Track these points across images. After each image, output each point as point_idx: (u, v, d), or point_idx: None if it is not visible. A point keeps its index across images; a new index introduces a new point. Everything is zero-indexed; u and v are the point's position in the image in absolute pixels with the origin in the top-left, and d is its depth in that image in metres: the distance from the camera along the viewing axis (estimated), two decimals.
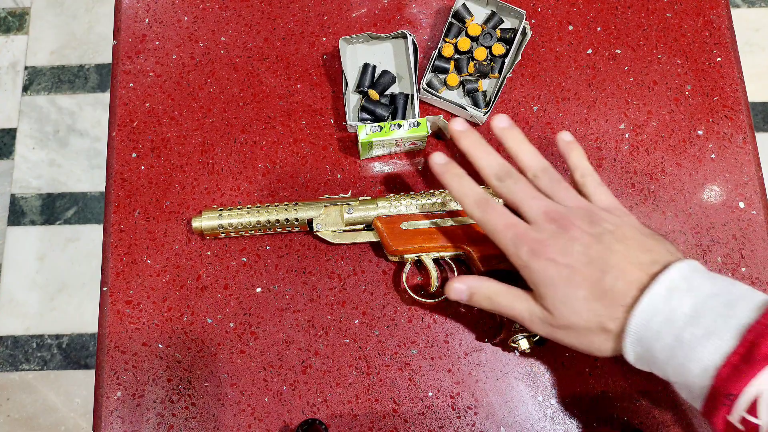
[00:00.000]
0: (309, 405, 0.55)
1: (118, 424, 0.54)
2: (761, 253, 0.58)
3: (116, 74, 0.63)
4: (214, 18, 0.65)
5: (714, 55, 0.63)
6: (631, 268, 0.42)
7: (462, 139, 0.50)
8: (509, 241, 0.45)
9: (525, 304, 0.46)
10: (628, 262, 0.43)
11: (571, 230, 0.44)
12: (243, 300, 0.57)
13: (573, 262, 0.43)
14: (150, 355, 0.56)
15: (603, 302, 0.42)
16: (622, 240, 0.44)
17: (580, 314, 0.43)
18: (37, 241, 1.46)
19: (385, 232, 0.54)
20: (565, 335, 0.45)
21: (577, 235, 0.44)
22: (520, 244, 0.45)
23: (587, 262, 0.43)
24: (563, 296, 0.43)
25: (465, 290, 0.49)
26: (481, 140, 0.50)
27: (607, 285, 0.42)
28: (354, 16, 0.65)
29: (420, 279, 0.57)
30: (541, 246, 0.44)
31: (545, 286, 0.44)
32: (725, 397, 0.37)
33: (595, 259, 0.43)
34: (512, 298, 0.47)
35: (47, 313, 1.42)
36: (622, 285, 0.42)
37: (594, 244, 0.44)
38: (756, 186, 0.60)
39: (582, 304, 0.43)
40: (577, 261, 0.43)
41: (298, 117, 0.62)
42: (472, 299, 0.49)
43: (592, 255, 0.43)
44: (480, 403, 0.55)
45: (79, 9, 1.61)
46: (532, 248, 0.44)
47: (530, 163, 0.49)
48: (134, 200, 0.60)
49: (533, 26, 0.64)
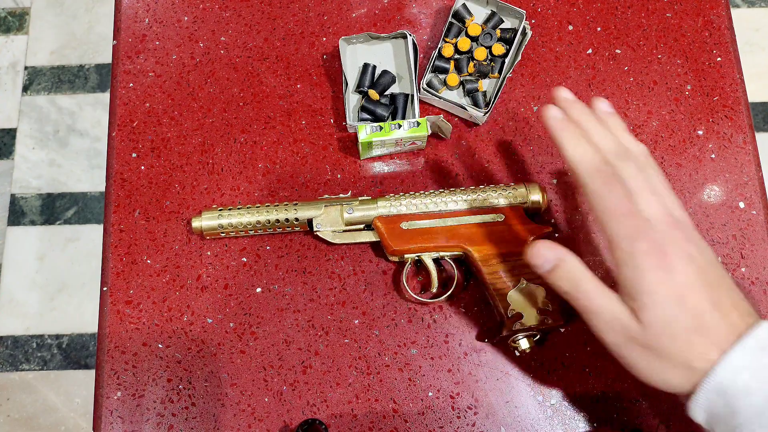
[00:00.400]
0: (309, 405, 0.55)
1: (118, 424, 0.54)
2: (761, 253, 0.58)
3: (116, 74, 0.63)
4: (214, 18, 0.65)
5: (714, 55, 0.63)
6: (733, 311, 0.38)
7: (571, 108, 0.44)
8: (624, 230, 0.39)
9: (612, 304, 0.40)
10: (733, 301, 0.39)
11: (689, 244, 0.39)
12: (243, 300, 0.57)
13: (689, 282, 0.38)
14: (150, 355, 0.56)
15: (702, 338, 0.38)
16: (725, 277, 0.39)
17: (676, 342, 0.38)
18: (37, 241, 1.46)
19: (385, 232, 0.54)
20: (641, 355, 0.39)
21: (693, 252, 0.39)
22: (639, 239, 0.38)
23: (702, 286, 0.38)
24: (668, 316, 0.38)
25: (552, 260, 0.42)
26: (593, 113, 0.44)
27: (712, 320, 0.38)
28: (354, 16, 0.65)
29: (420, 279, 0.57)
30: (661, 249, 0.38)
31: (650, 295, 0.38)
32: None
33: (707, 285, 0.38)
34: (599, 290, 0.40)
35: (47, 313, 1.42)
36: (724, 326, 0.38)
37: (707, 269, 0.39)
38: (756, 186, 0.60)
39: (683, 332, 0.38)
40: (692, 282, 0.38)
41: (298, 117, 0.62)
42: (554, 272, 0.42)
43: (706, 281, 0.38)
44: (480, 403, 0.55)
45: (79, 9, 1.61)
46: (651, 248, 0.38)
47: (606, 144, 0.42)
48: (134, 200, 0.60)
49: (533, 26, 0.64)
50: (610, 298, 0.40)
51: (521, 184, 0.56)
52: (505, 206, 0.54)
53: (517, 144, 0.61)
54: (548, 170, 0.60)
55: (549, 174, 0.60)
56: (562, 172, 0.60)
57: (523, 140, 0.61)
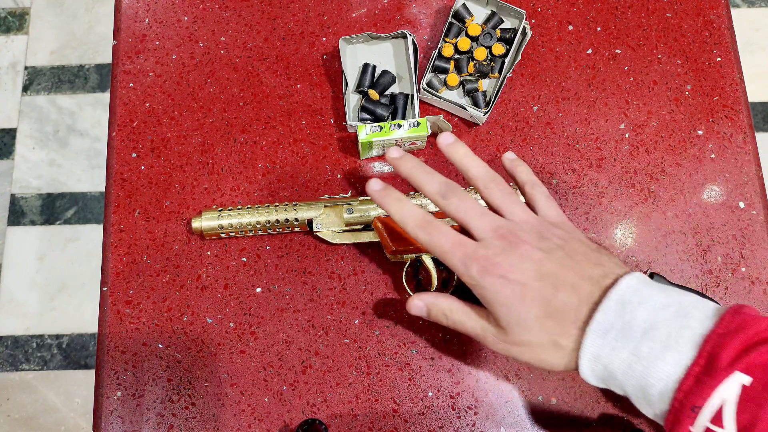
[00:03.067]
0: (309, 405, 0.55)
1: (118, 424, 0.54)
2: (761, 253, 0.58)
3: (116, 74, 0.63)
4: (214, 18, 0.65)
5: (714, 55, 0.63)
6: (583, 284, 0.42)
7: (401, 166, 0.49)
8: (458, 260, 0.44)
9: (479, 322, 0.46)
10: (579, 277, 0.43)
11: (521, 246, 0.44)
12: (243, 300, 0.57)
13: (524, 279, 0.43)
14: (150, 355, 0.56)
15: (556, 320, 0.42)
16: (572, 255, 0.44)
17: (534, 332, 0.43)
18: (37, 241, 1.46)
19: (384, 233, 0.54)
20: (519, 352, 0.44)
21: (527, 252, 0.44)
22: (470, 263, 0.44)
23: (538, 278, 0.43)
24: (516, 315, 0.43)
25: (423, 306, 0.49)
26: (420, 163, 0.49)
27: (560, 302, 0.42)
28: (354, 16, 0.65)
29: (420, 278, 0.57)
30: (491, 263, 0.43)
31: (498, 305, 0.43)
32: (689, 410, 0.37)
33: (546, 275, 0.43)
34: (466, 315, 0.47)
35: (47, 313, 1.42)
36: (575, 301, 0.42)
37: (545, 260, 0.43)
38: (756, 186, 0.60)
39: (535, 323, 0.43)
40: (528, 278, 0.43)
41: (298, 117, 0.62)
42: (430, 315, 0.49)
43: (543, 271, 0.43)
44: (480, 403, 0.55)
45: (79, 9, 1.61)
46: (482, 266, 0.43)
47: (479, 174, 0.48)
48: (134, 200, 0.60)
49: (533, 26, 0.64)
50: (478, 317, 0.46)
51: None
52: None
53: (517, 144, 0.61)
54: (548, 170, 0.60)
55: (549, 174, 0.60)
56: (562, 172, 0.60)
57: (523, 140, 0.61)
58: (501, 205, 0.47)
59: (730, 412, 0.36)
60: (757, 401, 0.36)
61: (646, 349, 0.39)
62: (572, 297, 0.42)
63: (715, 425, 0.37)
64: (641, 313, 0.40)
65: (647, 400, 0.40)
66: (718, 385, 0.36)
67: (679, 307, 0.40)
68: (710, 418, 0.37)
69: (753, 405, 0.36)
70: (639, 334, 0.40)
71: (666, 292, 0.42)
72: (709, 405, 0.37)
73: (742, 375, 0.36)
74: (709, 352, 0.37)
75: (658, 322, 0.40)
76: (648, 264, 0.58)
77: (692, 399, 0.37)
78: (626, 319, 0.40)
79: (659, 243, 0.58)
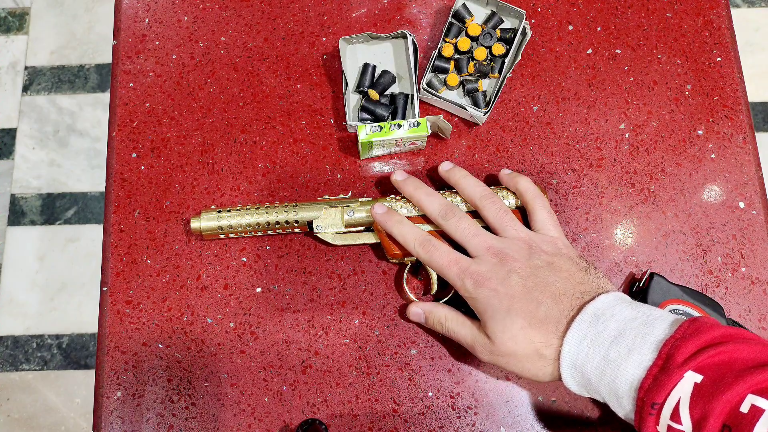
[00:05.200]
0: (309, 405, 0.55)
1: (118, 424, 0.54)
2: (761, 253, 0.58)
3: (116, 74, 0.63)
4: (214, 18, 0.65)
5: (714, 55, 0.63)
6: (564, 298, 0.46)
7: (404, 188, 0.54)
8: (455, 275, 0.49)
9: (469, 331, 0.50)
10: (562, 292, 0.47)
11: (511, 263, 0.48)
12: (243, 300, 0.57)
13: (512, 292, 0.47)
14: (150, 355, 0.56)
15: (539, 331, 0.46)
16: (557, 272, 0.48)
17: (519, 342, 0.46)
18: (37, 241, 1.46)
19: (385, 234, 0.54)
20: (505, 362, 0.48)
21: (516, 267, 0.48)
22: (465, 278, 0.49)
23: (525, 292, 0.47)
24: (503, 325, 0.47)
25: (421, 314, 0.53)
26: (421, 184, 0.54)
27: (543, 314, 0.46)
28: (354, 16, 0.65)
29: (420, 279, 0.58)
30: (484, 278, 0.48)
31: (487, 315, 0.48)
32: (650, 407, 0.40)
33: (531, 289, 0.47)
34: (459, 324, 0.51)
35: (47, 313, 1.42)
36: (555, 314, 0.46)
37: (531, 276, 0.48)
38: (756, 186, 0.60)
39: (520, 332, 0.46)
40: (516, 291, 0.47)
41: (298, 117, 0.62)
42: (428, 322, 0.53)
43: (528, 286, 0.47)
44: (480, 403, 0.55)
45: (79, 9, 1.61)
46: (475, 280, 0.48)
47: (474, 194, 0.53)
48: (134, 200, 0.60)
49: (533, 26, 0.64)
50: (469, 327, 0.50)
51: None
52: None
53: (517, 144, 0.61)
54: (548, 170, 0.60)
55: (549, 174, 0.60)
56: (562, 172, 0.60)
57: (523, 140, 0.61)
58: (495, 224, 0.52)
59: (685, 408, 0.40)
60: (707, 397, 0.39)
61: (614, 353, 0.43)
62: (553, 310, 0.46)
63: (674, 422, 0.40)
64: (612, 324, 0.44)
65: (619, 402, 0.43)
66: (672, 382, 0.40)
67: (646, 318, 0.44)
68: (670, 415, 0.40)
69: (703, 401, 0.39)
70: (608, 342, 0.43)
71: (638, 307, 0.45)
72: (668, 402, 0.40)
73: (695, 373, 0.40)
74: (667, 353, 0.41)
75: (625, 330, 0.43)
76: (648, 264, 0.58)
77: (651, 396, 0.40)
78: (598, 329, 0.44)
79: (659, 243, 0.58)
